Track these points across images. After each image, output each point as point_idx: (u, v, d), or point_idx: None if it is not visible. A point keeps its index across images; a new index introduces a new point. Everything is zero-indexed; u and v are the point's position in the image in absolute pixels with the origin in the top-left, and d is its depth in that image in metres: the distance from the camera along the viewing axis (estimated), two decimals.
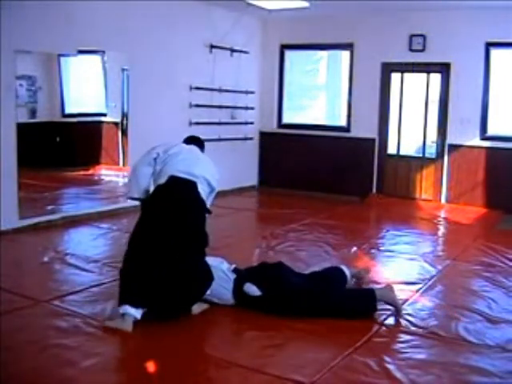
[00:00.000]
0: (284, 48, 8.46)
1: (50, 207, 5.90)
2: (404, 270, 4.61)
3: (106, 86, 6.76)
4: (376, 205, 7.60)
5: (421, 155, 7.62)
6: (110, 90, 6.75)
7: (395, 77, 7.67)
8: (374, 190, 7.88)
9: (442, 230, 6.45)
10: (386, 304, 3.55)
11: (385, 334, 3.30)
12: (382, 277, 4.33)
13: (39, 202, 5.88)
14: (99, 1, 5.86)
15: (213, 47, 7.46)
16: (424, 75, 7.47)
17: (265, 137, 8.60)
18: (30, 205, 5.61)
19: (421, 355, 3.03)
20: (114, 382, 2.77)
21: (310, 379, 2.71)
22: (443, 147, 7.41)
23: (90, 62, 6.55)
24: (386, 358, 2.96)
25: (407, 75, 7.63)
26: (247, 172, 8.49)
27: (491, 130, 7.17)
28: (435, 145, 7.49)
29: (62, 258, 4.57)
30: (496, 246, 5.36)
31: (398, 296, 3.64)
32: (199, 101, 7.32)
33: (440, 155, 7.45)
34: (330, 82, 8.62)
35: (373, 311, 3.51)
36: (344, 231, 5.94)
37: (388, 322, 3.45)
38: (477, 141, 7.17)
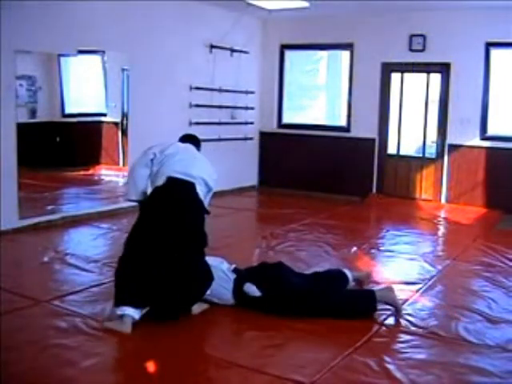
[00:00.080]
0: (284, 48, 8.46)
1: (50, 207, 5.90)
2: (404, 270, 4.61)
3: (106, 86, 6.75)
4: (376, 205, 7.60)
5: (421, 155, 7.62)
6: (110, 90, 6.75)
7: (395, 77, 7.68)
8: (374, 190, 7.88)
9: (441, 230, 6.44)
10: (387, 305, 3.55)
11: (385, 334, 3.30)
12: (382, 277, 4.34)
13: (39, 202, 5.88)
14: (99, 1, 5.87)
15: (213, 47, 7.46)
16: (424, 75, 7.47)
17: (265, 137, 8.60)
18: (30, 205, 5.61)
19: (421, 355, 3.03)
20: (114, 382, 2.77)
21: (310, 379, 2.71)
22: (443, 147, 7.41)
23: (90, 62, 6.55)
24: (386, 358, 2.96)
25: (407, 75, 7.63)
26: (247, 172, 8.49)
27: (491, 130, 7.17)
28: (435, 145, 7.49)
29: (62, 258, 4.57)
30: (496, 246, 5.36)
31: (397, 296, 3.64)
32: (199, 101, 7.32)
33: (440, 155, 7.45)
34: (329, 82, 8.62)
35: (373, 311, 3.51)
36: (344, 231, 5.94)
37: (388, 322, 3.45)
38: (477, 141, 7.17)
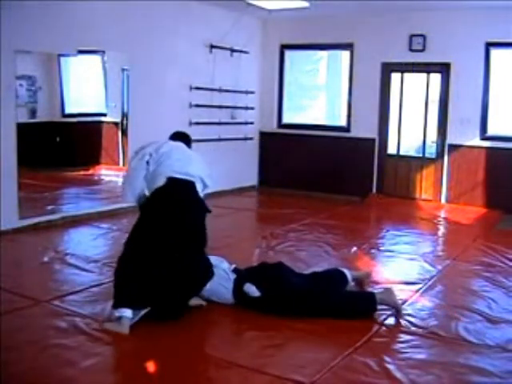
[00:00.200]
0: (284, 48, 8.46)
1: (50, 207, 5.90)
2: (404, 270, 4.61)
3: (106, 86, 6.76)
4: (376, 205, 7.60)
5: (421, 155, 7.62)
6: (110, 90, 6.75)
7: (395, 77, 7.67)
8: (374, 190, 7.88)
9: (442, 230, 6.44)
10: (387, 306, 3.55)
11: (385, 333, 3.30)
12: (381, 277, 4.34)
13: (39, 202, 5.88)
14: (99, 1, 5.87)
15: (213, 47, 7.46)
16: (424, 75, 7.47)
17: (265, 137, 8.60)
18: (30, 205, 5.61)
19: (421, 355, 3.03)
20: (114, 382, 2.77)
21: (310, 379, 2.71)
22: (443, 147, 7.41)
23: (90, 62, 6.56)
24: (386, 358, 2.96)
25: (407, 75, 7.63)
26: (247, 172, 8.49)
27: (491, 130, 7.17)
28: (435, 145, 7.49)
29: (62, 258, 4.57)
30: (496, 245, 5.36)
31: (397, 296, 3.64)
32: (199, 101, 7.31)
33: (440, 155, 7.45)
34: (329, 82, 8.62)
35: (372, 312, 3.51)
36: (344, 231, 5.93)
37: (388, 322, 3.45)
38: (477, 141, 7.17)
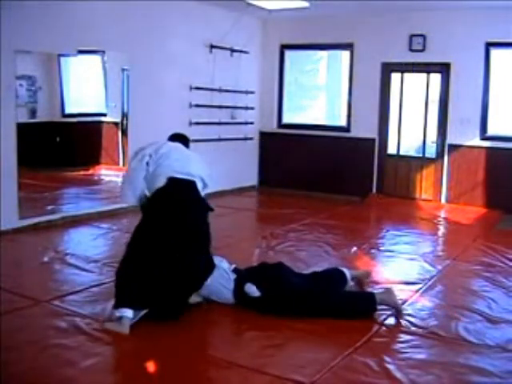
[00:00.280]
0: (284, 48, 8.46)
1: (50, 207, 5.89)
2: (404, 270, 4.60)
3: (106, 86, 6.75)
4: (376, 205, 7.60)
5: (421, 155, 7.62)
6: (110, 90, 6.75)
7: (395, 77, 7.67)
8: (374, 190, 7.88)
9: (442, 230, 6.44)
10: (387, 306, 3.55)
11: (385, 333, 3.30)
12: (381, 277, 4.33)
13: (39, 202, 5.88)
14: (99, 1, 5.87)
15: (213, 47, 7.46)
16: (424, 75, 7.47)
17: (265, 137, 8.60)
18: (30, 205, 5.61)
19: (421, 355, 3.03)
20: (114, 382, 2.77)
21: (310, 379, 2.71)
22: (443, 147, 7.41)
23: (90, 62, 6.55)
24: (386, 358, 2.96)
25: (407, 75, 7.63)
26: (247, 172, 8.49)
27: (491, 130, 7.17)
28: (435, 145, 7.49)
29: (62, 258, 4.57)
30: (496, 245, 5.36)
31: (397, 296, 3.64)
32: (199, 101, 7.31)
33: (440, 155, 7.45)
34: (329, 82, 8.62)
35: (372, 312, 3.51)
36: (344, 231, 5.93)
37: (388, 322, 3.45)
38: (477, 141, 7.17)
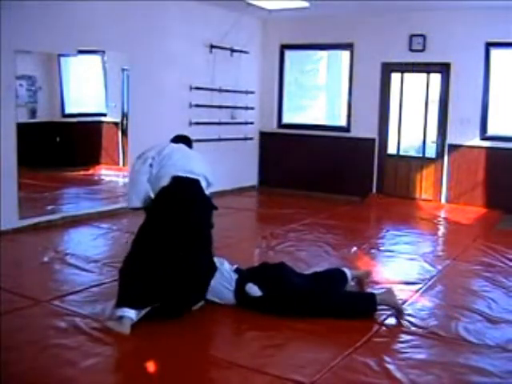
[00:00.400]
0: (284, 48, 8.46)
1: (50, 207, 5.89)
2: (404, 270, 4.60)
3: (106, 86, 6.75)
4: (376, 205, 7.59)
5: (421, 155, 7.62)
6: (110, 90, 6.75)
7: (395, 77, 7.67)
8: (374, 190, 7.88)
9: (442, 230, 6.44)
10: (387, 307, 3.55)
11: (385, 333, 3.30)
12: (382, 277, 4.33)
13: (39, 202, 5.88)
14: (99, 1, 5.87)
15: (213, 47, 7.46)
16: (424, 75, 7.47)
17: (265, 137, 8.60)
18: (30, 205, 5.61)
19: (421, 355, 3.03)
20: (114, 382, 2.77)
21: (310, 379, 2.71)
22: (443, 147, 7.41)
23: (90, 62, 6.55)
24: (386, 358, 2.96)
25: (407, 75, 7.63)
26: (247, 172, 8.49)
27: (491, 130, 7.17)
28: (435, 145, 7.49)
29: (62, 258, 4.57)
30: (496, 246, 5.36)
31: (397, 296, 3.64)
32: (199, 101, 7.31)
33: (440, 155, 7.45)
34: (329, 82, 8.62)
35: (373, 312, 3.51)
36: (344, 231, 5.93)
37: (388, 322, 3.45)
38: (477, 141, 7.17)
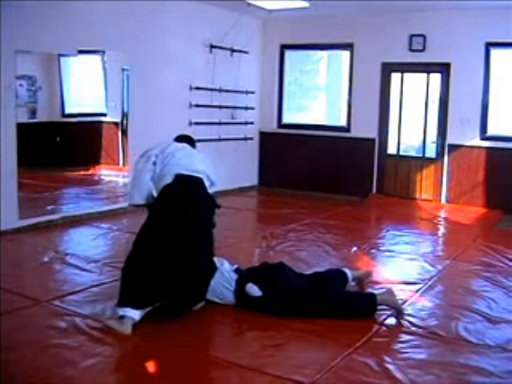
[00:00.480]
0: (284, 48, 8.46)
1: (50, 207, 5.89)
2: (404, 270, 4.60)
3: (106, 86, 6.75)
4: (376, 205, 7.59)
5: (421, 155, 7.63)
6: (109, 90, 6.74)
7: (395, 77, 7.68)
8: (374, 190, 7.88)
9: (441, 230, 6.44)
10: (388, 307, 3.55)
11: (385, 333, 3.30)
12: (382, 277, 4.33)
13: (39, 202, 5.88)
14: (99, 1, 5.87)
15: (213, 47, 7.46)
16: (424, 75, 7.47)
17: (265, 137, 8.60)
18: (30, 205, 5.61)
19: (421, 355, 3.03)
20: (114, 382, 2.77)
21: (310, 379, 2.71)
22: (443, 147, 7.41)
23: (89, 62, 6.55)
24: (386, 357, 2.96)
25: (407, 75, 7.64)
26: (247, 172, 8.49)
27: (491, 130, 7.18)
28: (435, 145, 7.49)
29: (62, 258, 4.57)
30: (496, 245, 5.36)
31: (398, 296, 3.64)
32: (199, 101, 7.31)
33: (440, 155, 7.45)
34: (330, 82, 8.63)
35: (373, 312, 3.50)
36: (344, 231, 5.93)
37: (388, 322, 3.45)
38: (477, 141, 7.17)
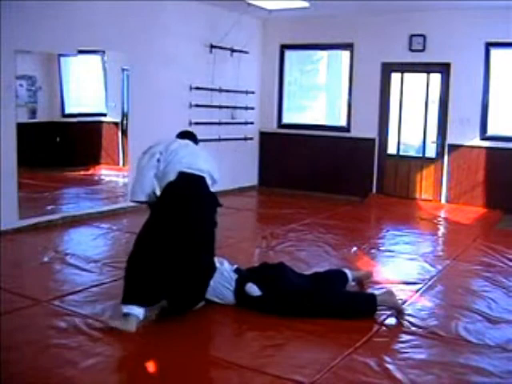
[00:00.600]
0: (284, 48, 8.46)
1: (50, 207, 5.90)
2: (404, 270, 4.60)
3: (106, 86, 6.75)
4: (376, 205, 7.59)
5: (421, 155, 7.63)
6: (109, 90, 6.74)
7: (395, 77, 7.68)
8: (374, 190, 7.88)
9: (441, 230, 6.44)
10: (388, 307, 3.55)
11: (385, 333, 3.30)
12: (382, 277, 4.33)
13: (39, 202, 5.88)
14: (99, 1, 5.87)
15: (213, 47, 7.46)
16: (424, 75, 7.47)
17: (265, 137, 8.60)
18: (30, 205, 5.61)
19: (421, 355, 3.03)
20: (114, 382, 2.77)
21: (310, 379, 2.71)
22: (443, 147, 7.41)
23: (89, 62, 6.55)
24: (386, 357, 2.96)
25: (407, 75, 7.64)
26: (247, 172, 8.49)
27: (491, 130, 7.18)
28: (435, 145, 7.50)
29: (62, 258, 4.57)
30: (496, 245, 5.36)
31: (397, 297, 3.64)
32: (199, 101, 7.31)
33: (440, 155, 7.45)
34: (330, 82, 8.63)
35: (373, 313, 3.50)
36: (344, 231, 5.93)
37: (388, 322, 3.45)
38: (477, 141, 7.17)
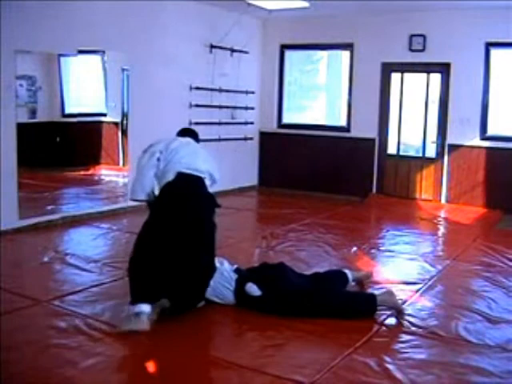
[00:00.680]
0: (284, 48, 8.46)
1: (50, 207, 5.89)
2: (404, 270, 4.60)
3: (106, 86, 6.75)
4: (376, 205, 7.59)
5: (421, 155, 7.63)
6: (109, 90, 6.74)
7: (395, 77, 7.68)
8: (374, 190, 7.88)
9: (441, 230, 6.44)
10: (388, 307, 3.55)
11: (385, 333, 3.30)
12: (382, 277, 4.33)
13: (39, 202, 5.88)
14: (99, 1, 5.87)
15: (213, 47, 7.46)
16: (424, 75, 7.47)
17: (265, 137, 8.60)
18: (30, 205, 5.61)
19: (421, 355, 3.03)
20: (115, 382, 2.76)
21: (310, 379, 2.71)
22: (443, 147, 7.41)
23: (89, 62, 6.55)
24: (386, 357, 2.96)
25: (407, 75, 7.64)
26: (247, 172, 8.49)
27: (491, 130, 7.18)
28: (435, 145, 7.50)
29: (62, 258, 4.57)
30: (496, 245, 5.36)
31: (397, 297, 3.64)
32: (199, 101, 7.31)
33: (440, 155, 7.45)
34: (330, 82, 8.63)
35: (373, 313, 3.50)
36: (344, 231, 5.93)
37: (388, 322, 3.44)
38: (477, 141, 7.17)
